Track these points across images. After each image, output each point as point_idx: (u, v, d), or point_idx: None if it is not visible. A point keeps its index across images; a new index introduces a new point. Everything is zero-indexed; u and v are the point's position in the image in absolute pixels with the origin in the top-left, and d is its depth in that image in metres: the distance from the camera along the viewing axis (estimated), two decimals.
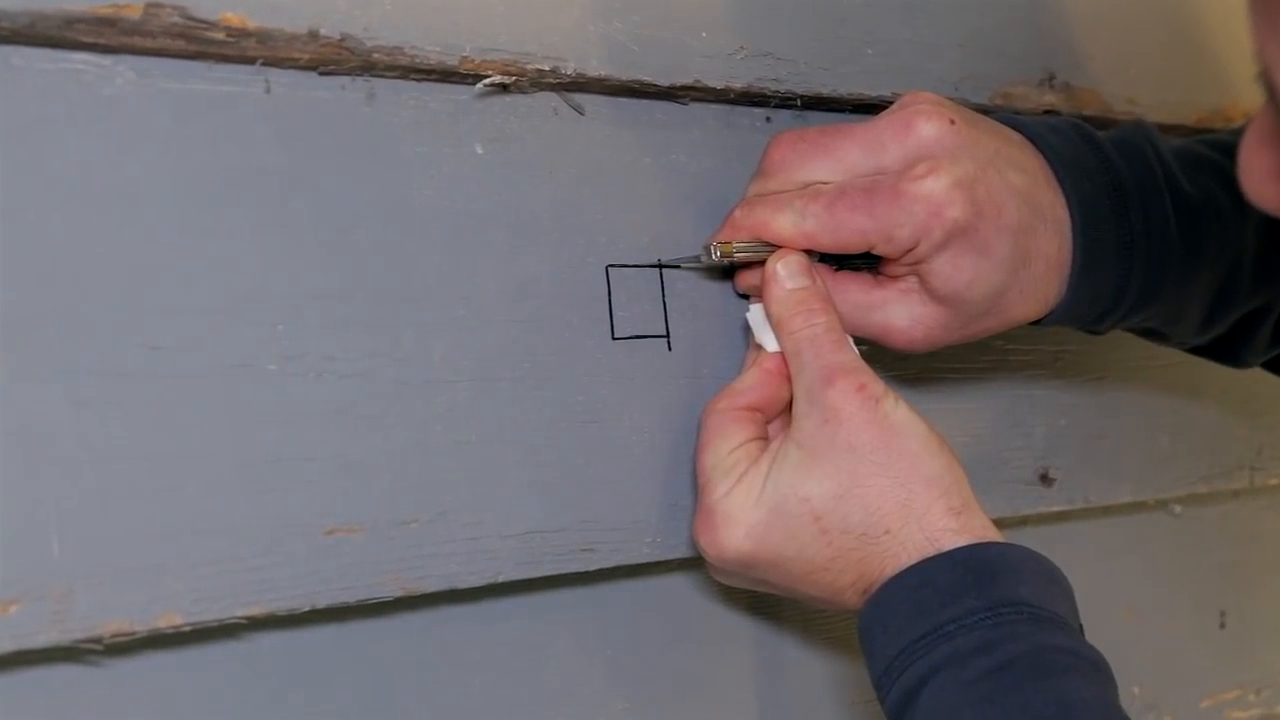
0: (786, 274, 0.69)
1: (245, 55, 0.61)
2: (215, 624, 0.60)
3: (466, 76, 0.67)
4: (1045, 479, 0.91)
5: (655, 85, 0.73)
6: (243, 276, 0.61)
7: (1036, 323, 0.75)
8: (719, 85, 0.75)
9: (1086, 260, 0.73)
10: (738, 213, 0.71)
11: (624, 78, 0.71)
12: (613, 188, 0.73)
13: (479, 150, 0.69)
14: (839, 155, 0.70)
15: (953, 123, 0.69)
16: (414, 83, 0.67)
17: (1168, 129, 0.97)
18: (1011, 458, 0.89)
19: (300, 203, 0.63)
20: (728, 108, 0.77)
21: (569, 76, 0.70)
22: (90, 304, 0.58)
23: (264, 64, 0.62)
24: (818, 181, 0.70)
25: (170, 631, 0.59)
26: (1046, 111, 0.88)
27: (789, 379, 0.68)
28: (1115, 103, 0.92)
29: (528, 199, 0.70)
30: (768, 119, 0.79)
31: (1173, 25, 0.97)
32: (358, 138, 0.65)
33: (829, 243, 0.69)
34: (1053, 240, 0.72)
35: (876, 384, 0.66)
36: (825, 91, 0.79)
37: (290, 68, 0.63)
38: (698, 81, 0.74)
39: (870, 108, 0.82)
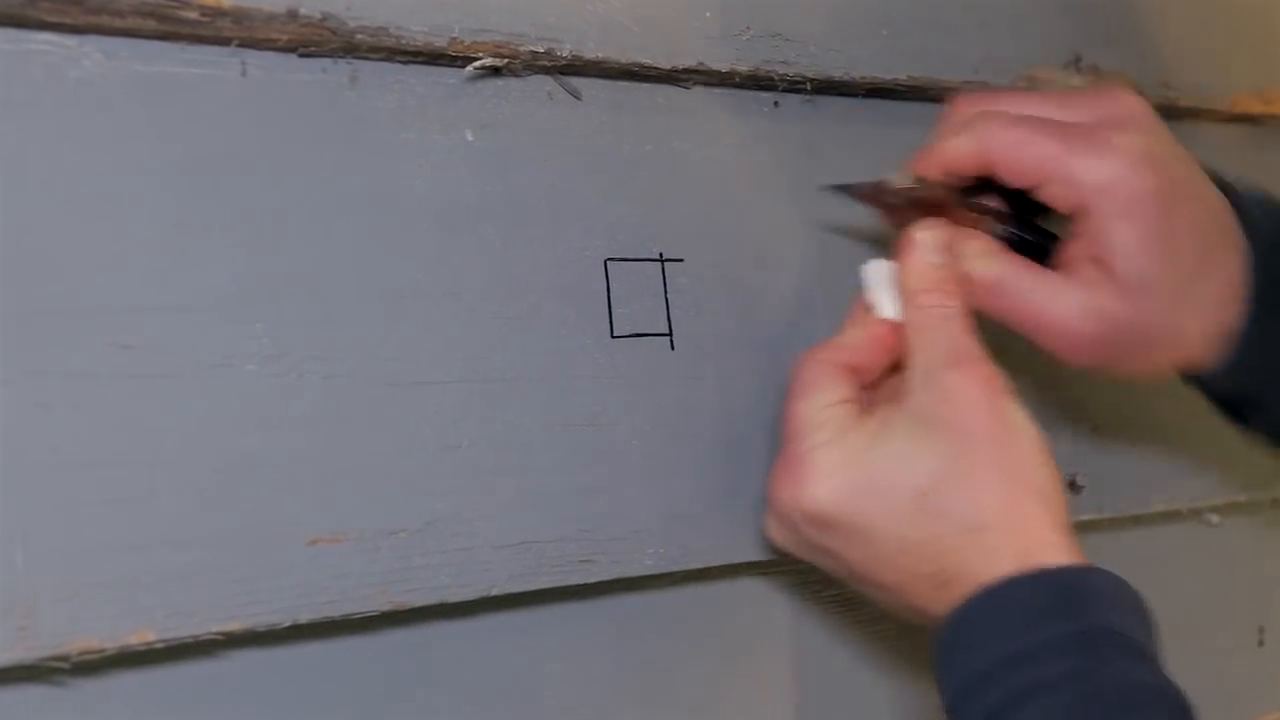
0: (930, 246, 0.69)
1: (220, 35, 0.61)
2: (190, 641, 0.60)
3: (456, 59, 0.67)
4: (1073, 486, 0.91)
5: (656, 68, 0.73)
6: (219, 271, 0.61)
7: (1205, 383, 0.75)
8: (724, 68, 0.75)
9: (1264, 300, 0.71)
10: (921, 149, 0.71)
11: (623, 60, 0.72)
12: (611, 177, 0.73)
13: (469, 137, 0.69)
14: (1031, 103, 0.70)
15: (1154, 112, 0.70)
16: (400, 65, 0.67)
17: (1203, 114, 0.97)
18: None
19: (279, 193, 0.63)
20: (733, 92, 0.77)
21: (565, 59, 0.70)
22: (56, 301, 0.58)
23: (240, 45, 0.62)
24: None
25: (142, 649, 0.59)
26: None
27: (893, 350, 0.69)
28: (1147, 86, 0.92)
29: (521, 189, 0.70)
30: (775, 103, 0.79)
31: (1210, 1, 0.97)
32: (340, 124, 0.65)
33: (1006, 162, 0.67)
34: (1233, 259, 0.70)
35: (1001, 379, 0.66)
36: (837, 75, 0.79)
37: (268, 49, 0.63)
38: (701, 64, 0.74)
39: (885, 92, 0.82)
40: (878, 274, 0.71)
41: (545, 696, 0.73)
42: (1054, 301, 0.68)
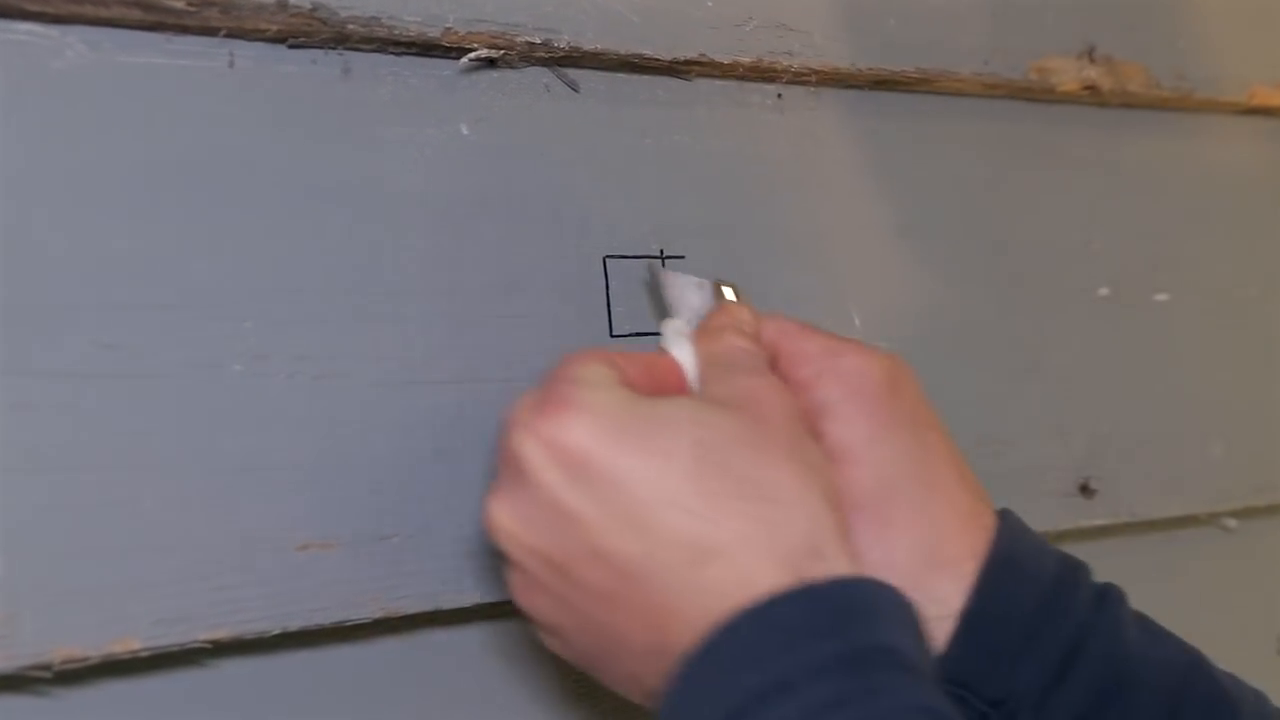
0: (739, 315, 0.66)
1: (207, 26, 0.61)
2: (176, 649, 0.60)
3: (450, 50, 0.67)
4: (1085, 490, 0.90)
5: (657, 60, 0.73)
6: (206, 269, 0.61)
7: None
8: (726, 59, 0.74)
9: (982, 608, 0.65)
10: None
11: (622, 51, 0.71)
12: (610, 172, 0.73)
13: (464, 131, 0.69)
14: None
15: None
16: (392, 56, 0.67)
17: (1219, 106, 0.97)
18: (1048, 467, 0.89)
19: (268, 188, 0.63)
20: (736, 84, 0.77)
21: (562, 50, 0.69)
22: (36, 298, 0.57)
23: (228, 35, 0.62)
24: None
25: (127, 658, 0.58)
26: (1087, 88, 0.88)
27: (667, 385, 0.63)
28: (1163, 77, 0.91)
29: (517, 184, 0.70)
30: (779, 96, 0.79)
31: None
32: (331, 117, 0.65)
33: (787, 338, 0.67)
34: (964, 500, 0.65)
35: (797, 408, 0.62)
36: (843, 67, 0.78)
37: (257, 40, 0.63)
38: (703, 55, 0.74)
39: (892, 84, 0.82)
40: (674, 328, 0.69)
41: (542, 706, 0.73)
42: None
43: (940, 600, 0.63)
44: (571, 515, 0.57)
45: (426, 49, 0.67)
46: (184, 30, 0.61)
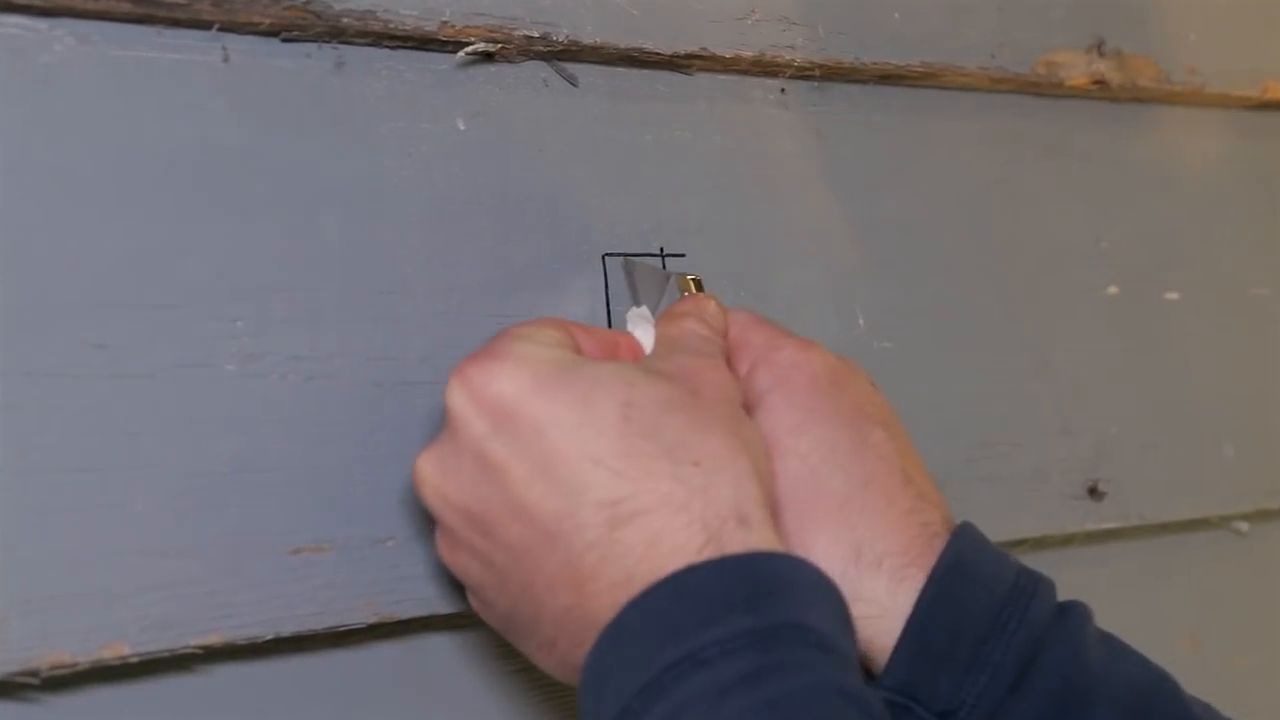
0: (703, 304, 0.66)
1: (199, 19, 0.61)
2: (166, 655, 0.59)
3: (446, 44, 0.67)
4: (1094, 492, 0.90)
5: (657, 53, 0.72)
6: (197, 267, 0.61)
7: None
8: (728, 54, 0.74)
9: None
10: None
11: (622, 45, 0.71)
12: (609, 168, 0.73)
13: (461, 126, 0.69)
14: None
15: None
16: (388, 50, 0.67)
17: (1231, 101, 0.97)
18: (1056, 469, 0.88)
19: (261, 184, 0.63)
20: (738, 78, 0.77)
21: (561, 43, 0.69)
22: (25, 297, 0.57)
23: (220, 29, 0.62)
24: None
25: (116, 663, 0.58)
26: (1096, 82, 0.88)
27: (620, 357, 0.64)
28: (1174, 71, 0.91)
29: (515, 180, 0.70)
30: (782, 91, 0.79)
31: None
32: (325, 112, 0.65)
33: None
34: (905, 500, 0.65)
35: (740, 393, 0.62)
36: (847, 61, 0.78)
37: (250, 33, 0.63)
38: (704, 49, 0.73)
39: (897, 79, 0.81)
40: (637, 313, 0.70)
41: (540, 713, 0.73)
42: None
43: (870, 599, 0.62)
44: (494, 466, 0.57)
45: (422, 42, 0.67)
46: (175, 23, 0.61)
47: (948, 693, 0.61)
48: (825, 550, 0.63)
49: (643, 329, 0.67)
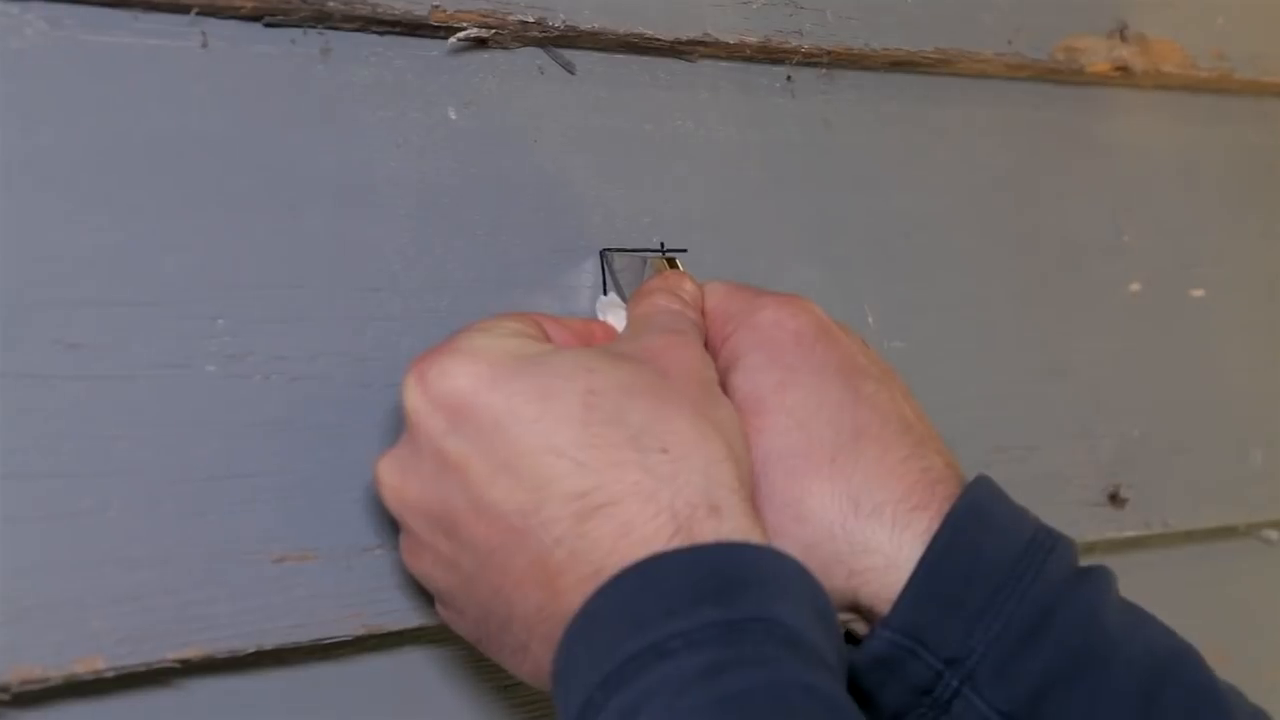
0: (676, 281, 0.67)
1: (178, 3, 0.61)
2: (142, 669, 0.60)
3: (438, 29, 0.67)
4: (1115, 499, 0.90)
5: (658, 39, 0.72)
6: (175, 263, 0.61)
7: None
8: (732, 40, 0.74)
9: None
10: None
11: (621, 30, 0.71)
12: (608, 159, 0.73)
13: (452, 115, 0.69)
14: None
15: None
16: (376, 36, 0.67)
17: (1264, 87, 0.97)
18: (1075, 474, 0.89)
19: (243, 176, 0.63)
20: (742, 66, 0.77)
21: (557, 29, 0.69)
22: None
23: (200, 13, 0.62)
24: None
25: (90, 678, 0.58)
26: (1118, 69, 0.88)
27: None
28: (1199, 57, 0.91)
29: (509, 172, 0.70)
30: (789, 78, 0.79)
31: None
32: (310, 101, 0.65)
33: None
34: (904, 448, 0.65)
35: (711, 367, 0.63)
36: (856, 47, 0.78)
37: (231, 17, 0.63)
38: (707, 35, 0.74)
39: (910, 66, 0.81)
40: (606, 300, 0.70)
41: None
42: None
43: (874, 549, 0.62)
44: (453, 464, 0.57)
45: (412, 28, 0.67)
46: (153, 7, 0.61)
47: (957, 638, 0.61)
48: (820, 504, 0.63)
49: (615, 314, 0.68)
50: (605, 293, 0.71)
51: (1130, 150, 0.93)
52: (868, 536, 0.63)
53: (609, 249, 0.72)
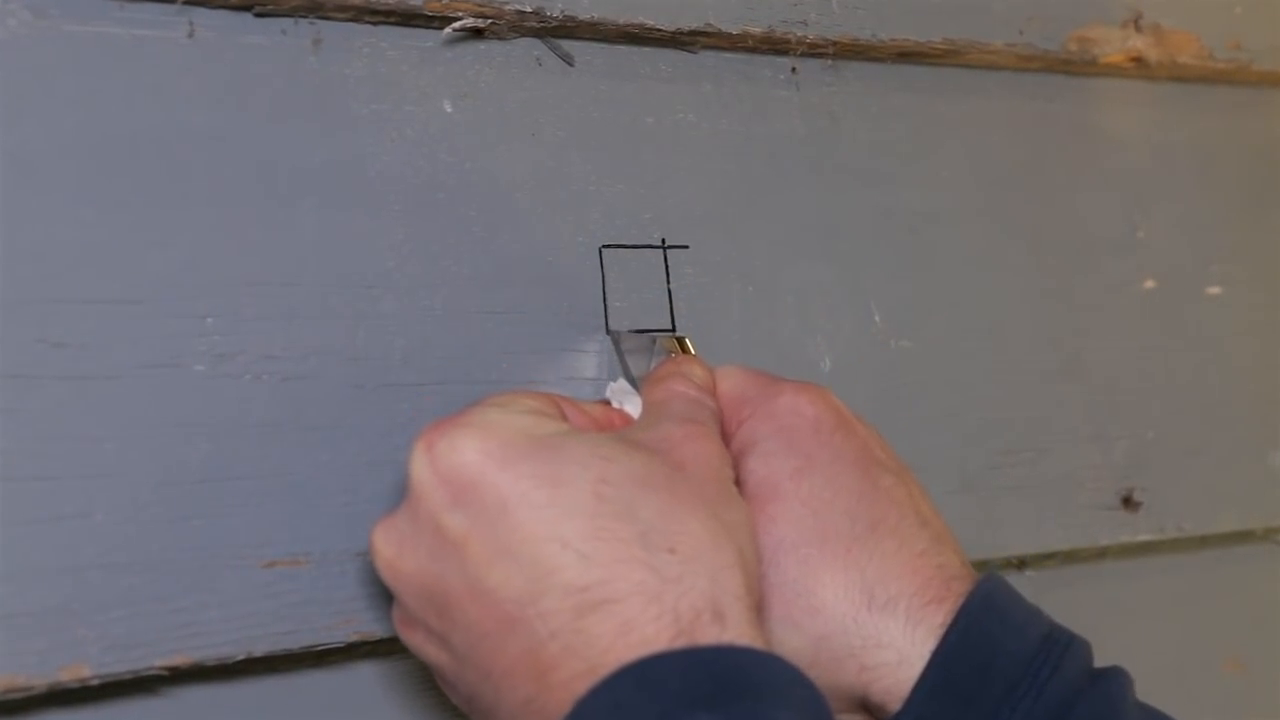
0: (689, 366, 0.67)
1: None
2: (130, 677, 0.60)
3: (432, 19, 0.67)
4: (1128, 502, 0.90)
5: (659, 30, 0.72)
6: (163, 260, 0.61)
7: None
8: (735, 30, 0.74)
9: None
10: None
11: (621, 21, 0.71)
12: (607, 153, 0.73)
13: (447, 108, 0.69)
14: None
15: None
16: (369, 26, 0.67)
17: None
18: (1087, 477, 0.89)
19: (232, 171, 0.63)
20: (745, 57, 0.77)
21: (556, 19, 0.69)
22: None
23: (187, 2, 0.62)
24: None
25: (76, 686, 0.58)
26: (1132, 60, 0.88)
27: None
28: (1215, 48, 0.91)
29: (506, 166, 0.70)
30: (793, 70, 0.79)
31: None
32: (301, 93, 0.65)
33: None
34: (922, 544, 0.65)
35: (730, 461, 0.63)
36: (863, 38, 0.78)
37: (219, 7, 0.63)
38: (709, 25, 0.74)
39: (917, 57, 0.81)
40: (617, 387, 0.69)
41: None
42: None
43: (887, 644, 0.62)
44: (452, 542, 0.56)
45: (406, 18, 0.67)
46: None
47: None
48: (834, 596, 0.63)
49: (630, 402, 0.67)
50: (614, 379, 0.70)
51: (1145, 144, 0.93)
52: (881, 631, 0.63)
53: (618, 330, 0.72)
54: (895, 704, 0.62)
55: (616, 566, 0.55)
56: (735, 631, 0.55)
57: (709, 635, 0.55)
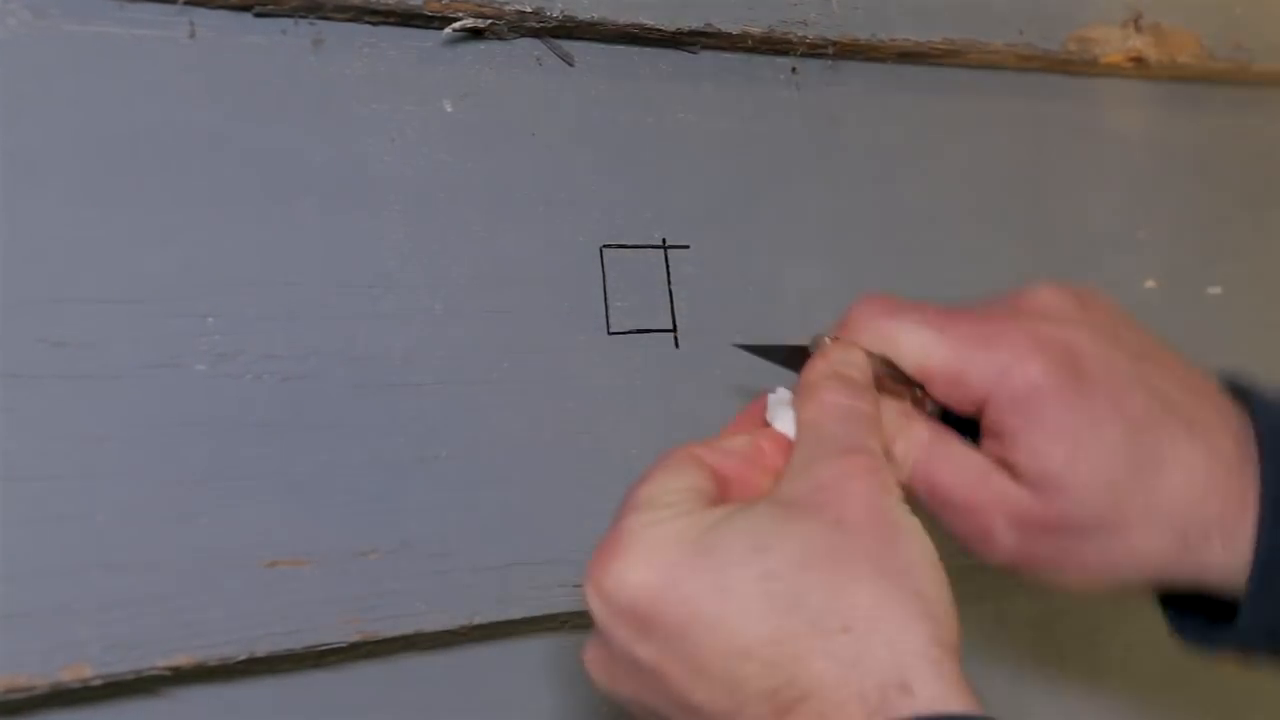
0: (845, 352, 0.66)
1: None
2: (131, 677, 0.60)
3: (432, 20, 0.67)
4: None
5: (659, 30, 0.73)
6: (165, 259, 0.61)
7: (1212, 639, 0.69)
8: (735, 30, 0.75)
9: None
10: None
11: (621, 21, 0.71)
12: (608, 153, 0.73)
13: (448, 108, 0.69)
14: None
15: (1078, 297, 0.68)
16: (369, 27, 0.67)
17: None
18: None
19: (232, 171, 0.63)
20: (746, 57, 0.77)
21: (556, 19, 0.70)
22: None
23: (187, 2, 0.62)
24: None
25: (77, 686, 0.59)
26: (1133, 59, 0.88)
27: (773, 471, 0.65)
28: (1216, 48, 0.91)
29: (506, 166, 0.70)
30: (793, 70, 0.79)
31: None
32: (302, 93, 0.65)
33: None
34: (1199, 457, 0.67)
35: (893, 480, 0.62)
36: (863, 37, 0.78)
37: (219, 7, 0.63)
38: (709, 25, 0.74)
39: (918, 57, 0.82)
40: (777, 397, 0.68)
41: None
42: (980, 486, 0.67)
43: (1215, 566, 0.65)
44: (649, 671, 0.59)
45: (406, 18, 0.67)
46: None
47: None
48: (1150, 556, 0.66)
49: (783, 417, 0.65)
50: (772, 390, 0.67)
51: (1145, 144, 0.93)
52: (1206, 560, 0.65)
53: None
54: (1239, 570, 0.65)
55: (796, 665, 0.57)
56: (926, 695, 0.56)
57: (901, 709, 0.56)
